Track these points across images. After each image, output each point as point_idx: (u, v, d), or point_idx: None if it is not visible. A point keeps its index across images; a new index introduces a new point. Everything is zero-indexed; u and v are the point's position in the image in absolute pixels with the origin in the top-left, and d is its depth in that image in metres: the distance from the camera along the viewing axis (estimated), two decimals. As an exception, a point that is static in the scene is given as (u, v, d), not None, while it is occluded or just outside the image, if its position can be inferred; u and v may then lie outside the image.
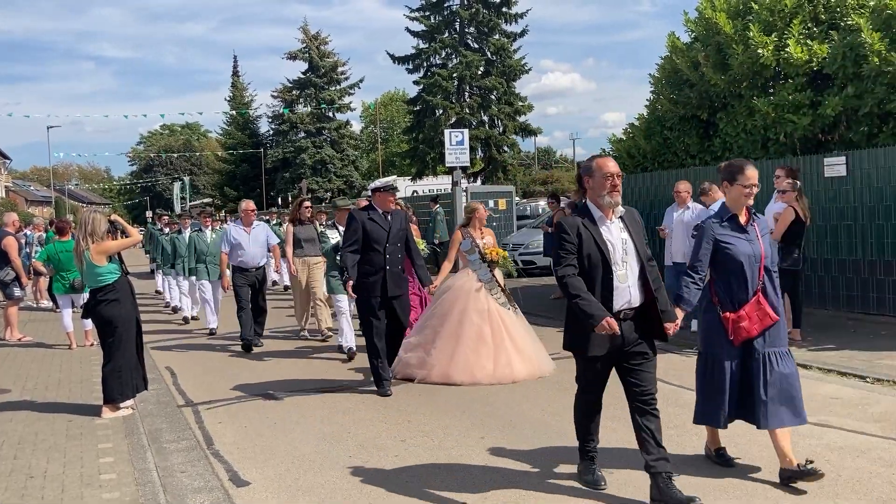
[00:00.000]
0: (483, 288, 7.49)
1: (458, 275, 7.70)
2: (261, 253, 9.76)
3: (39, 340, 10.94)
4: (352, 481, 4.73)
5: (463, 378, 7.04)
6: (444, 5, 38.60)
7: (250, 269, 9.64)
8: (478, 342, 7.22)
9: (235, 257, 9.62)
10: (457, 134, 17.56)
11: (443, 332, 7.32)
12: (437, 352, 7.27)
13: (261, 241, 9.77)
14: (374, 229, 6.85)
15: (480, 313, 7.33)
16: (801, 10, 11.02)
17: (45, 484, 4.87)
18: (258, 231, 9.81)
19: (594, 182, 4.16)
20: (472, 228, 7.73)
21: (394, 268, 6.88)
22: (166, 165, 76.40)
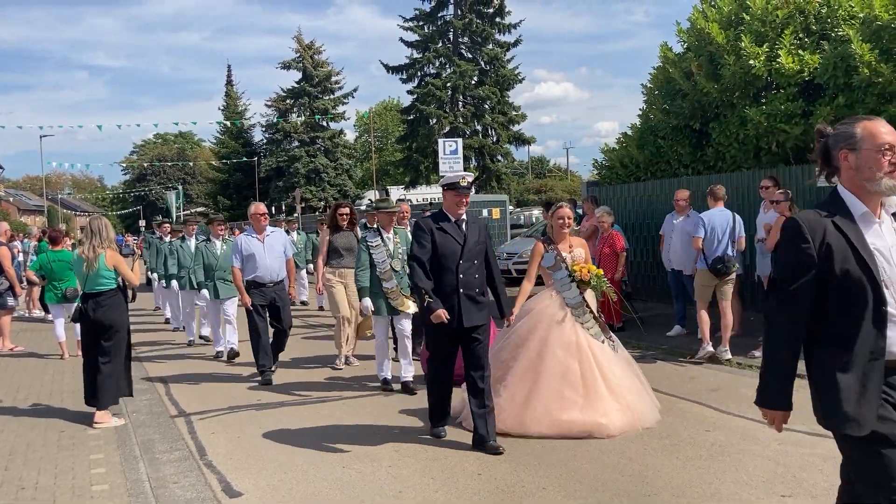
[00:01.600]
0: (570, 314, 5.95)
1: (538, 297, 6.14)
2: (280, 264, 8.32)
3: (31, 350, 10.88)
4: (345, 491, 4.71)
5: (542, 428, 5.56)
6: (438, 15, 38.75)
7: (267, 283, 8.16)
8: (562, 383, 5.69)
9: (250, 271, 8.16)
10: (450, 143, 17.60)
11: (517, 369, 5.82)
12: (509, 393, 5.75)
13: (278, 251, 8.33)
14: (444, 242, 5.47)
15: (567, 346, 5.79)
16: (793, 20, 11.10)
17: (37, 495, 4.84)
18: (274, 239, 8.38)
19: (860, 158, 2.69)
20: (556, 238, 6.19)
21: (469, 290, 5.48)
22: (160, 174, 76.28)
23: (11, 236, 14.49)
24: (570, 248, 6.15)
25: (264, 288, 8.14)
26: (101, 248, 6.61)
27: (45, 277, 10.46)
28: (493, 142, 39.14)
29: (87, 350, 6.72)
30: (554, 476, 4.80)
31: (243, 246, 8.20)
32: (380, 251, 7.41)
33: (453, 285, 5.47)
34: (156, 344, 11.31)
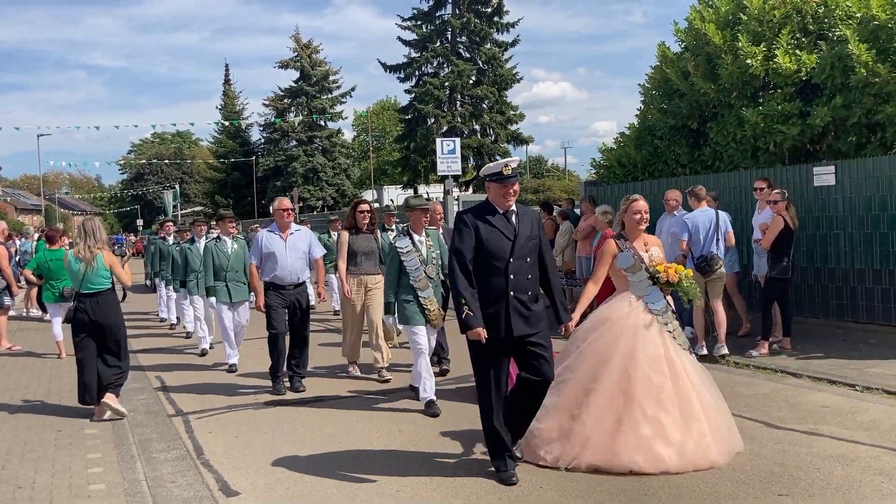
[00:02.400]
0: (655, 322, 5.12)
1: (614, 302, 5.29)
2: (301, 265, 7.61)
3: (29, 350, 10.87)
4: (343, 491, 4.72)
5: (638, 459, 4.70)
6: (436, 15, 38.79)
7: (288, 286, 7.49)
8: (657, 406, 4.83)
9: (269, 271, 7.47)
10: (448, 142, 17.57)
11: (600, 390, 4.92)
12: (592, 419, 4.87)
13: (301, 251, 7.62)
14: (491, 237, 4.66)
15: (655, 361, 4.96)
16: (790, 20, 11.12)
17: (34, 494, 4.84)
18: (298, 237, 7.67)
19: None
20: (631, 235, 5.40)
21: (521, 293, 4.65)
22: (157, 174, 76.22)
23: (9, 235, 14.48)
24: (645, 247, 5.37)
25: (283, 290, 7.46)
26: (98, 249, 6.71)
27: (42, 277, 10.45)
28: (491, 141, 39.18)
29: (83, 349, 6.69)
30: (551, 475, 4.80)
31: (264, 243, 7.50)
32: (411, 257, 6.63)
33: (502, 289, 4.63)
34: (153, 343, 11.30)
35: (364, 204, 8.01)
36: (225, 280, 8.89)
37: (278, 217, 7.69)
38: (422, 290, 6.60)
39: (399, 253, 6.64)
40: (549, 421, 4.98)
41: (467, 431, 5.84)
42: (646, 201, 5.43)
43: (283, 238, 7.55)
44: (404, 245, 6.65)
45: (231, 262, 8.90)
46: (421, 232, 6.78)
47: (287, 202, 7.82)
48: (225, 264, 8.90)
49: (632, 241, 5.36)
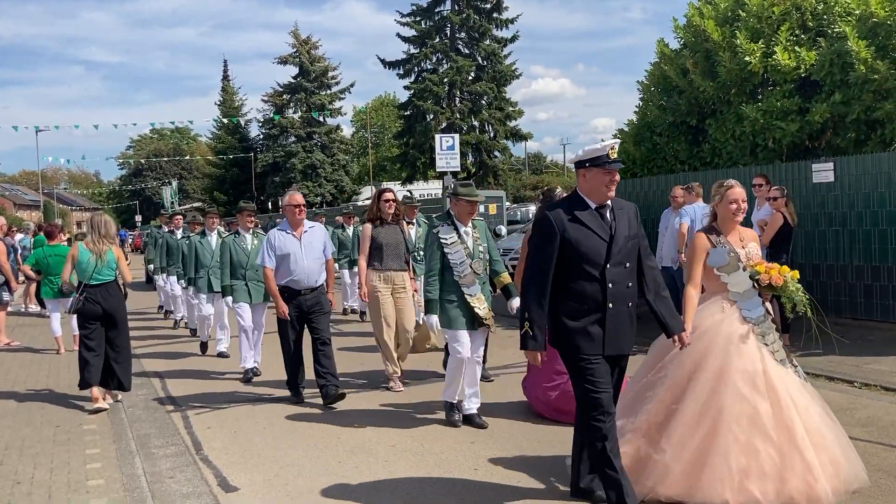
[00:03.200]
0: (753, 333, 4.36)
1: (702, 310, 4.49)
2: (319, 267, 6.91)
3: (27, 345, 10.87)
4: (341, 487, 4.72)
5: (727, 496, 4.00)
6: (435, 11, 38.72)
7: (304, 290, 6.77)
8: (752, 431, 4.11)
9: (283, 275, 6.75)
10: (447, 139, 17.59)
11: (684, 412, 4.22)
12: (674, 446, 4.17)
13: (318, 250, 6.92)
14: (582, 238, 3.92)
15: (752, 379, 4.22)
16: (789, 17, 11.11)
17: (32, 490, 4.84)
18: (314, 236, 6.94)
19: None
20: (725, 228, 4.61)
21: (620, 304, 3.95)
22: (156, 169, 76.15)
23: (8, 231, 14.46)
24: (741, 242, 4.58)
25: (300, 297, 6.74)
26: (109, 243, 7.08)
27: (40, 272, 10.44)
28: (490, 137, 39.15)
29: (90, 338, 6.92)
30: (550, 471, 4.81)
31: (277, 243, 6.75)
32: (456, 249, 5.86)
33: (598, 299, 3.91)
34: (152, 339, 11.29)
35: (389, 193, 7.34)
36: (244, 279, 8.23)
37: (290, 214, 6.88)
38: (467, 288, 5.82)
39: (443, 245, 5.86)
40: (622, 446, 4.16)
41: (468, 427, 5.84)
42: (743, 188, 4.65)
43: (297, 237, 6.80)
44: (449, 236, 5.88)
45: (251, 260, 8.17)
46: (467, 222, 6.00)
47: (299, 197, 6.97)
48: (244, 261, 8.23)
49: (726, 234, 4.58)
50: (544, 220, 4.01)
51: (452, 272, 5.84)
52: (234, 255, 8.30)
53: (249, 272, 8.21)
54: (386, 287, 7.15)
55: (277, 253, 6.73)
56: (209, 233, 9.86)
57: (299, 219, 6.89)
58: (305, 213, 7.00)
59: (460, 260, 5.85)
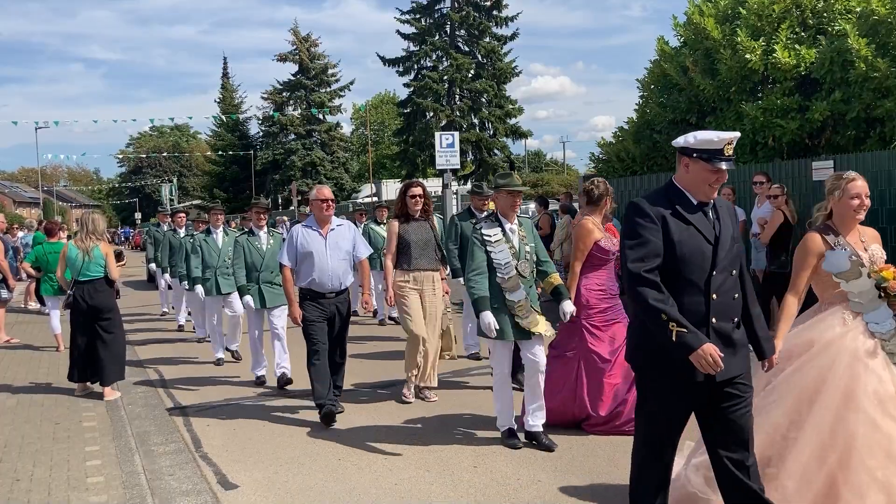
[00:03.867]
0: (879, 349, 3.79)
1: (819, 321, 3.86)
2: (345, 268, 6.27)
3: (27, 343, 10.86)
4: (341, 484, 4.72)
5: None
6: (435, 8, 38.70)
7: (328, 293, 6.16)
8: (888, 463, 3.53)
9: (305, 276, 6.15)
10: (447, 136, 17.55)
11: (804, 441, 3.60)
12: (795, 481, 3.57)
13: (345, 250, 6.28)
14: (686, 239, 3.25)
15: (882, 402, 3.63)
16: (789, 15, 11.12)
17: (32, 487, 4.84)
18: (341, 234, 6.31)
19: None
20: (844, 226, 3.92)
21: (725, 321, 3.29)
22: (155, 167, 76.13)
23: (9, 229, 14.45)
24: (863, 243, 3.91)
25: (323, 300, 6.15)
26: (96, 240, 7.25)
27: (40, 269, 10.43)
28: (489, 135, 39.14)
29: (80, 333, 7.24)
30: (549, 468, 4.81)
31: (300, 240, 6.17)
32: (501, 248, 5.23)
33: (702, 312, 3.23)
34: (151, 336, 11.29)
35: (417, 187, 6.71)
36: (257, 281, 7.52)
37: (317, 209, 6.27)
38: (510, 292, 5.16)
39: (486, 242, 5.26)
40: None
41: (468, 424, 5.84)
42: (865, 181, 3.93)
43: (323, 235, 6.20)
44: (493, 233, 5.27)
45: (266, 261, 7.53)
46: (513, 218, 5.36)
47: (327, 191, 6.33)
48: (258, 263, 7.54)
49: (845, 235, 3.89)
50: (641, 207, 3.27)
51: (495, 274, 5.23)
52: (248, 256, 7.58)
53: (263, 273, 7.51)
54: (415, 289, 6.54)
55: (300, 251, 6.14)
56: (214, 230, 9.28)
57: (327, 215, 6.24)
58: (333, 210, 6.37)
59: (505, 261, 5.22)
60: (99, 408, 6.84)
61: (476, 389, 6.99)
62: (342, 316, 6.27)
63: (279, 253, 6.47)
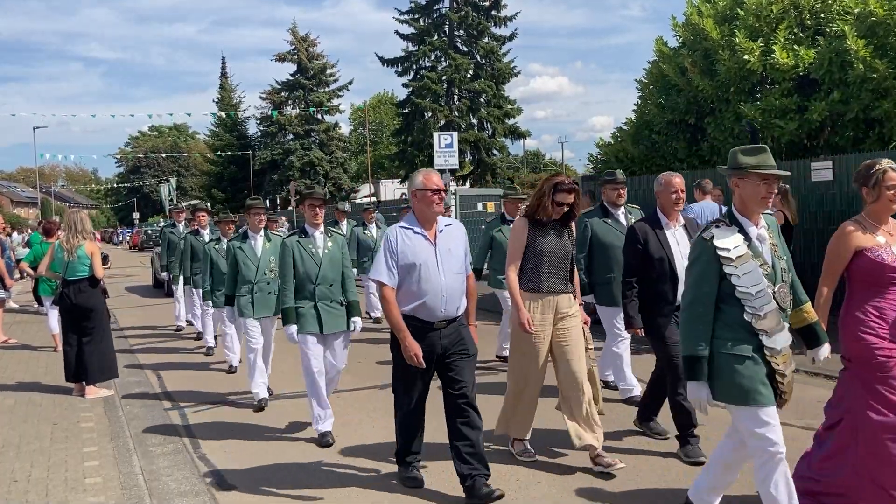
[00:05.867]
0: None
1: None
2: (460, 285, 4.51)
3: (25, 343, 10.84)
4: (338, 484, 4.71)
5: None
6: (434, 8, 38.73)
7: (439, 322, 4.40)
8: None
9: (409, 297, 4.39)
10: (446, 137, 17.55)
11: None
12: None
13: (459, 259, 4.53)
14: None
15: None
16: (788, 15, 11.12)
17: (29, 488, 4.83)
18: (452, 237, 4.56)
19: None
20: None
21: None
22: (154, 167, 76.12)
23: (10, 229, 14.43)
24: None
25: (431, 332, 4.36)
26: (81, 240, 7.30)
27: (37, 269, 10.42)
28: (488, 135, 39.18)
29: (69, 333, 7.37)
30: (547, 469, 4.81)
31: (402, 247, 4.38)
32: (749, 269, 3.41)
33: None
34: (150, 336, 11.27)
35: (561, 175, 4.94)
36: (312, 298, 5.68)
37: (424, 203, 4.41)
38: (769, 334, 3.40)
39: (723, 260, 3.42)
40: None
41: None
42: None
43: (432, 240, 4.42)
44: (734, 245, 3.43)
45: (323, 270, 5.75)
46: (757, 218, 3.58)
47: (438, 177, 4.51)
48: (314, 273, 5.73)
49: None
50: None
51: (738, 307, 3.41)
52: (300, 265, 5.86)
53: (320, 287, 5.68)
54: (545, 318, 4.78)
55: (401, 262, 4.35)
56: (252, 235, 7.14)
57: (436, 211, 4.44)
58: (444, 202, 4.54)
59: (758, 287, 3.39)
60: (97, 408, 6.83)
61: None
62: (461, 353, 4.40)
63: (374, 268, 4.44)
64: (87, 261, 7.28)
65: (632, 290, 4.99)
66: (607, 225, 6.15)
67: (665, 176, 5.04)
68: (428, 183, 4.41)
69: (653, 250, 4.89)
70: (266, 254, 6.96)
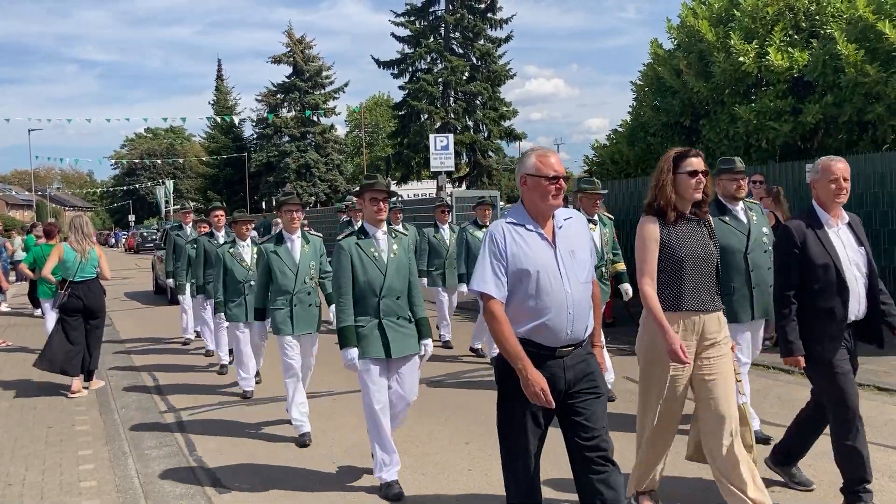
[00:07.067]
0: None
1: None
2: (587, 298, 3.36)
3: (20, 345, 10.82)
4: (335, 487, 4.71)
5: None
6: (430, 10, 38.76)
7: (563, 348, 3.27)
8: None
9: (522, 314, 3.25)
10: (442, 139, 17.58)
11: None
12: None
13: (585, 263, 3.38)
14: None
15: None
16: (782, 17, 11.15)
17: (24, 491, 4.82)
18: (574, 232, 3.42)
19: None
20: None
21: None
22: (149, 169, 76.00)
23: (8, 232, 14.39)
24: None
25: (552, 361, 3.25)
26: (91, 244, 7.76)
27: (35, 270, 10.39)
28: (484, 137, 39.22)
29: (73, 329, 7.63)
30: (545, 470, 4.80)
31: (510, 246, 3.28)
32: None
33: None
34: (147, 341, 11.25)
35: (695, 158, 3.77)
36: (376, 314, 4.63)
37: (538, 193, 3.32)
38: None
39: None
40: None
41: (462, 428, 5.81)
42: None
43: (550, 240, 3.31)
44: None
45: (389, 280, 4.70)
46: None
47: (557, 160, 3.38)
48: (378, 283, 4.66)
49: None
50: None
51: None
52: (360, 273, 4.84)
53: (385, 300, 4.62)
54: (689, 343, 3.73)
55: (512, 268, 3.25)
56: (289, 236, 6.00)
57: (553, 204, 3.30)
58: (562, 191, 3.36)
59: None
60: (92, 411, 6.82)
61: (472, 390, 6.98)
62: (588, 388, 3.31)
63: (475, 276, 3.30)
64: (96, 262, 7.70)
65: (790, 307, 3.96)
66: (725, 224, 4.88)
67: (823, 161, 4.03)
68: (543, 167, 3.30)
69: (814, 255, 3.96)
70: (306, 258, 5.89)
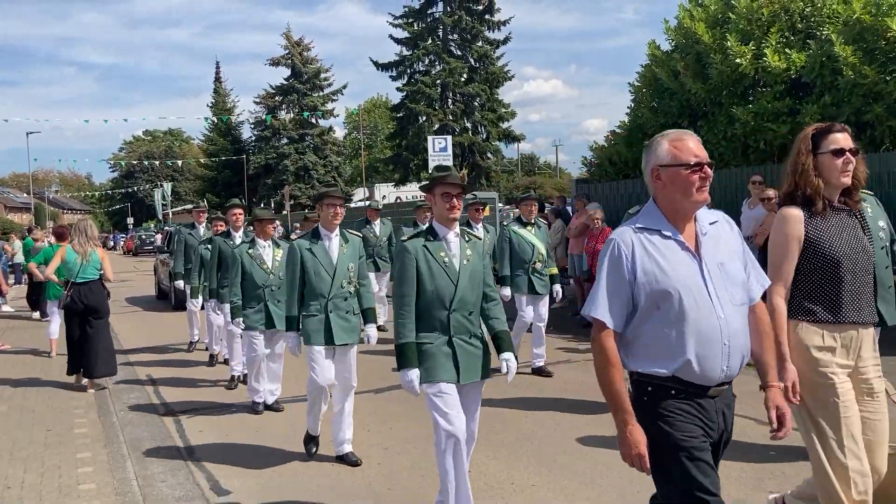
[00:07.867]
0: None
1: None
2: (744, 325, 2.65)
3: (19, 348, 10.81)
4: (335, 489, 4.71)
5: None
6: (428, 12, 38.79)
7: (718, 386, 2.64)
8: None
9: (666, 348, 2.54)
10: (440, 140, 17.59)
11: None
12: None
13: (737, 275, 2.63)
14: None
15: None
16: (778, 19, 11.16)
17: (23, 494, 4.82)
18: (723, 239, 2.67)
19: None
20: None
21: None
22: (148, 171, 75.94)
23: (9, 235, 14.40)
24: None
25: (704, 400, 2.63)
26: (94, 246, 7.87)
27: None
28: (482, 139, 39.24)
29: (73, 330, 7.80)
30: (544, 472, 4.81)
31: (640, 260, 2.55)
32: None
33: None
34: (145, 343, 11.24)
35: (840, 134, 3.17)
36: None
37: (677, 187, 2.58)
38: None
39: None
40: None
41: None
42: None
43: (690, 246, 2.60)
44: None
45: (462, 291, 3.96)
46: None
47: (697, 143, 2.61)
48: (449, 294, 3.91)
49: None
50: None
51: None
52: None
53: (456, 314, 3.89)
54: (845, 363, 3.15)
55: (645, 289, 2.57)
56: (326, 233, 5.38)
57: (698, 200, 2.59)
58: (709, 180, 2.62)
59: None
60: (91, 414, 6.82)
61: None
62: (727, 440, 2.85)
63: (590, 301, 2.64)
64: (99, 264, 7.84)
65: None
66: None
67: None
68: (681, 153, 2.57)
69: None
70: (344, 259, 5.24)
